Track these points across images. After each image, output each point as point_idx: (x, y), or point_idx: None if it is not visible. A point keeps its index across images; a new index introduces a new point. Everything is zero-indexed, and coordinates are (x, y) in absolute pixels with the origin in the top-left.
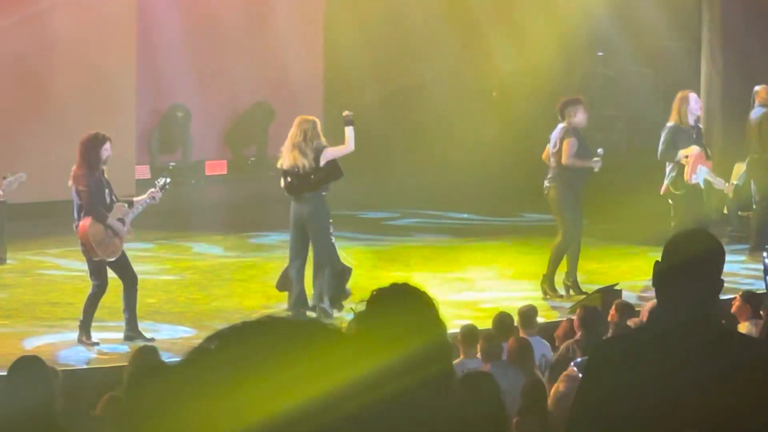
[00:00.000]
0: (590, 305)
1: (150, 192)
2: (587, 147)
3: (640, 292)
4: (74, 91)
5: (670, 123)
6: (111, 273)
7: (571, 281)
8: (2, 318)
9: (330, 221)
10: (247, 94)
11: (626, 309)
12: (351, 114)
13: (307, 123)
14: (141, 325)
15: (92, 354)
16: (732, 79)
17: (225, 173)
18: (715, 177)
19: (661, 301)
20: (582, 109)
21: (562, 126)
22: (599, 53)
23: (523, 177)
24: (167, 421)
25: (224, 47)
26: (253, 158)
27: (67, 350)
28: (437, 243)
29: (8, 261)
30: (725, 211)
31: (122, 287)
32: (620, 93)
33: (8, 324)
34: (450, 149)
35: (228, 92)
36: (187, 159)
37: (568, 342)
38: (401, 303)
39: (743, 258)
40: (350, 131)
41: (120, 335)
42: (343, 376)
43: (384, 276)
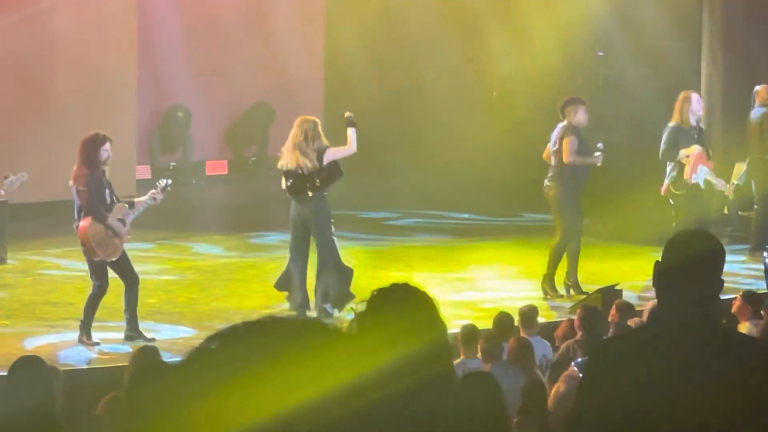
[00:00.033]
0: (591, 305)
1: (151, 193)
2: (587, 146)
3: (641, 292)
4: (75, 91)
5: (672, 123)
6: (112, 273)
7: (572, 281)
8: (3, 318)
9: (331, 221)
10: (248, 94)
11: (627, 309)
12: (352, 115)
13: (308, 123)
14: (141, 325)
15: (93, 354)
16: (732, 79)
17: (225, 173)
18: (716, 178)
19: (662, 301)
20: (583, 109)
21: (562, 125)
22: (600, 53)
23: (524, 177)
24: (168, 421)
25: (225, 47)
26: (254, 158)
27: (68, 350)
28: (438, 243)
29: (9, 261)
30: (726, 211)
31: (123, 287)
32: (621, 93)
33: (9, 324)
34: (450, 149)
35: (228, 92)
36: (188, 159)
37: (569, 342)
38: (401, 303)
39: (744, 258)
40: (352, 132)
41: (121, 335)
42: (344, 376)
43: (384, 276)
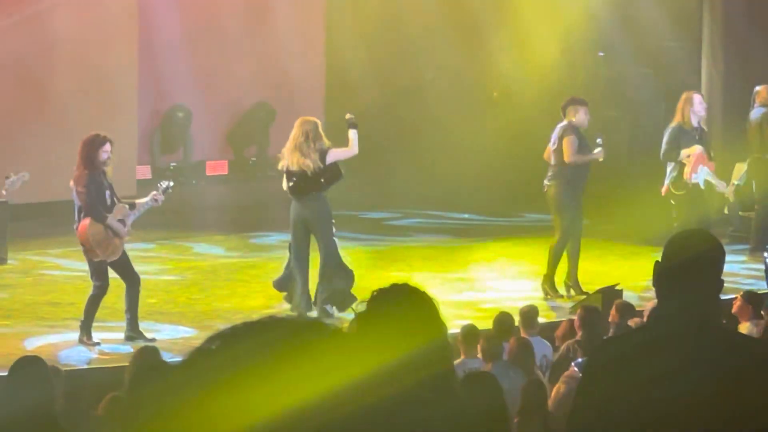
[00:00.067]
0: (591, 305)
1: (152, 194)
2: (587, 145)
3: (642, 293)
4: (75, 92)
5: (674, 123)
6: (112, 273)
7: (572, 281)
8: (3, 318)
9: (332, 221)
10: (248, 95)
11: (627, 309)
12: (354, 117)
13: (309, 124)
14: (142, 326)
15: (93, 354)
16: (733, 80)
17: (226, 173)
18: (718, 179)
19: (661, 302)
20: (584, 110)
21: (562, 124)
22: (600, 54)
23: (524, 177)
24: (169, 422)
25: (225, 47)
26: (254, 159)
27: (68, 350)
28: (438, 243)
29: (9, 261)
30: (726, 211)
31: (124, 288)
32: (621, 93)
33: (9, 324)
34: (451, 149)
35: (229, 92)
36: (188, 159)
37: (569, 342)
38: (402, 303)
39: (744, 258)
40: (353, 134)
41: (121, 335)
42: (344, 377)
43: (385, 276)
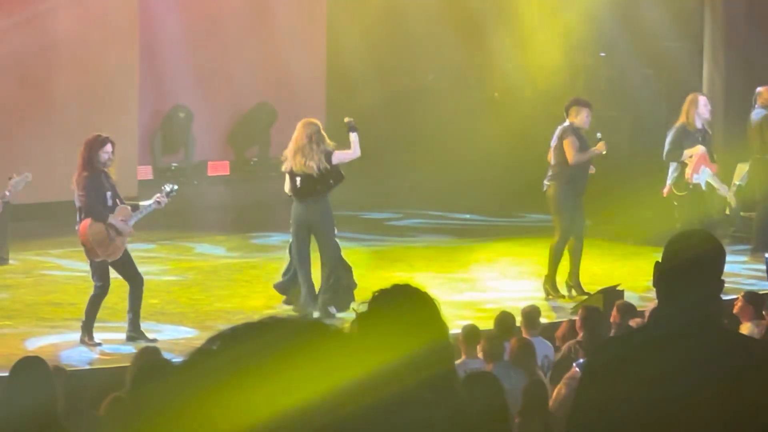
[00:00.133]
0: (592, 306)
1: (156, 197)
2: (588, 146)
3: (643, 293)
4: (76, 92)
5: (678, 124)
6: (113, 274)
7: (573, 282)
8: (4, 318)
9: (334, 223)
10: (250, 95)
11: (628, 309)
12: (352, 120)
13: (312, 126)
14: (143, 326)
15: (95, 354)
16: (734, 80)
17: (227, 174)
18: (720, 183)
19: (662, 302)
20: (587, 112)
21: (563, 126)
22: (601, 54)
23: (526, 178)
24: (170, 422)
25: (226, 48)
26: (256, 159)
27: (70, 351)
28: (439, 243)
29: (10, 261)
30: (727, 212)
31: (125, 288)
32: (623, 94)
33: (10, 324)
34: (452, 150)
35: (230, 93)
36: (190, 160)
37: (570, 342)
38: (403, 303)
39: (745, 258)
40: (354, 137)
41: (122, 336)
42: (345, 377)
43: (386, 276)
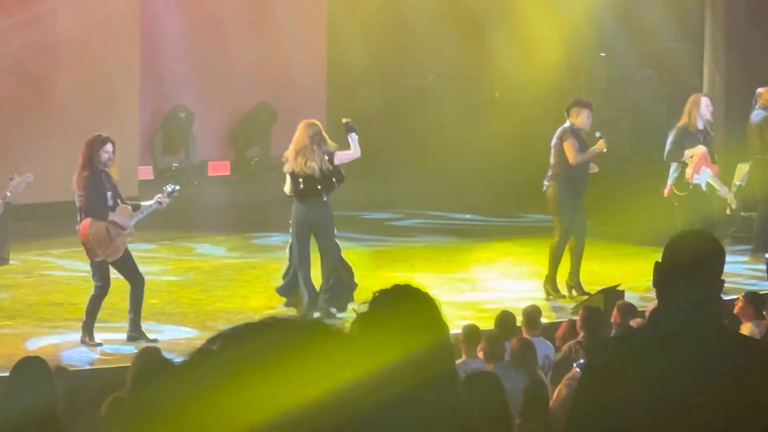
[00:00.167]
0: (593, 306)
1: (157, 197)
2: (587, 147)
3: (643, 293)
4: (77, 92)
5: (679, 124)
6: (114, 274)
7: (574, 282)
8: (5, 319)
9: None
10: (250, 95)
11: (628, 310)
12: (350, 120)
13: (313, 127)
14: (144, 326)
15: (95, 355)
16: (734, 81)
17: (228, 174)
18: (721, 184)
19: (662, 302)
20: (587, 113)
21: (563, 127)
22: (602, 54)
23: (526, 178)
24: (171, 422)
25: (227, 48)
26: (256, 159)
27: (70, 351)
28: (440, 244)
29: (11, 261)
30: (728, 212)
31: (126, 288)
32: (623, 94)
33: (11, 325)
34: (453, 150)
35: (231, 93)
36: (190, 160)
37: (571, 343)
38: (404, 304)
39: (746, 258)
40: (353, 138)
41: (123, 336)
42: (346, 377)
43: (386, 277)
